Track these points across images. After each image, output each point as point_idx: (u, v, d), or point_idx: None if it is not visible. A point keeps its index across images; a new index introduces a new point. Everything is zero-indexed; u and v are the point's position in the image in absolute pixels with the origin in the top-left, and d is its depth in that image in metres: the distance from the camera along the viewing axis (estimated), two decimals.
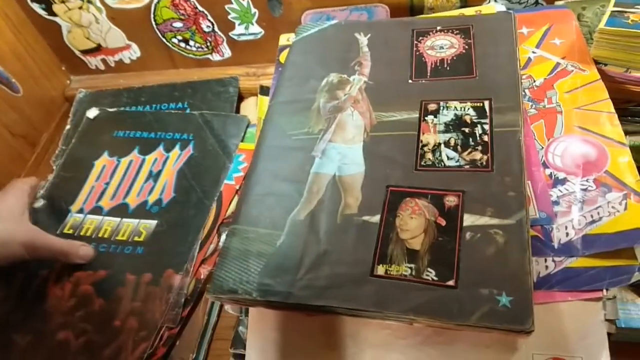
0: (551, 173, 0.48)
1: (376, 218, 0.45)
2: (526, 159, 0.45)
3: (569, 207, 0.45)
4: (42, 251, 0.56)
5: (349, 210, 0.47)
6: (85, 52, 0.83)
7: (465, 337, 0.42)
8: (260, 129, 0.58)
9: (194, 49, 0.80)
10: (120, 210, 0.63)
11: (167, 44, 0.80)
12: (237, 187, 0.66)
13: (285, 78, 0.60)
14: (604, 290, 0.41)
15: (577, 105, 0.52)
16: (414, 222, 0.44)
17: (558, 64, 0.56)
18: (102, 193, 0.66)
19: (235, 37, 0.77)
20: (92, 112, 0.75)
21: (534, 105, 0.53)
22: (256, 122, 0.68)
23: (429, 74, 0.55)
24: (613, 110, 0.50)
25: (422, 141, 0.49)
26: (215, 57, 0.81)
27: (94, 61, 0.84)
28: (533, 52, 0.58)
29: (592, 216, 0.44)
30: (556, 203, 0.46)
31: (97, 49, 0.82)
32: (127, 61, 0.84)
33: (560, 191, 0.46)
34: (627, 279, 0.41)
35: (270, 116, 0.57)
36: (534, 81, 0.55)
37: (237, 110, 0.77)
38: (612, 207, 0.44)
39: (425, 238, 0.43)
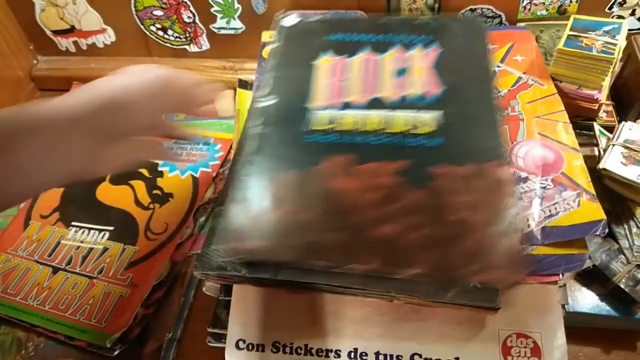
0: (514, 172, 0.53)
1: None
2: None
3: (529, 202, 0.50)
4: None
5: None
6: (57, 32, 0.81)
7: (439, 314, 0.45)
8: (241, 119, 0.60)
9: (172, 38, 0.80)
10: (378, 105, 0.53)
11: (145, 31, 0.80)
12: (214, 175, 0.67)
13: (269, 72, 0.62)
14: (560, 275, 0.46)
15: (537, 114, 0.57)
16: None
17: (520, 77, 0.62)
18: (345, 89, 0.55)
19: (215, 30, 0.79)
20: (291, 20, 0.60)
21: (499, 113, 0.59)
22: (234, 114, 0.70)
23: None
24: (568, 121, 0.56)
25: None
26: (193, 48, 0.82)
27: (65, 42, 0.83)
28: (498, 66, 0.64)
29: (549, 211, 0.49)
30: (519, 198, 0.51)
31: (71, 31, 0.81)
32: (100, 45, 0.82)
33: (523, 188, 0.51)
34: (579, 265, 0.46)
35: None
36: (499, 92, 0.61)
37: None
38: (567, 204, 0.49)
39: None
